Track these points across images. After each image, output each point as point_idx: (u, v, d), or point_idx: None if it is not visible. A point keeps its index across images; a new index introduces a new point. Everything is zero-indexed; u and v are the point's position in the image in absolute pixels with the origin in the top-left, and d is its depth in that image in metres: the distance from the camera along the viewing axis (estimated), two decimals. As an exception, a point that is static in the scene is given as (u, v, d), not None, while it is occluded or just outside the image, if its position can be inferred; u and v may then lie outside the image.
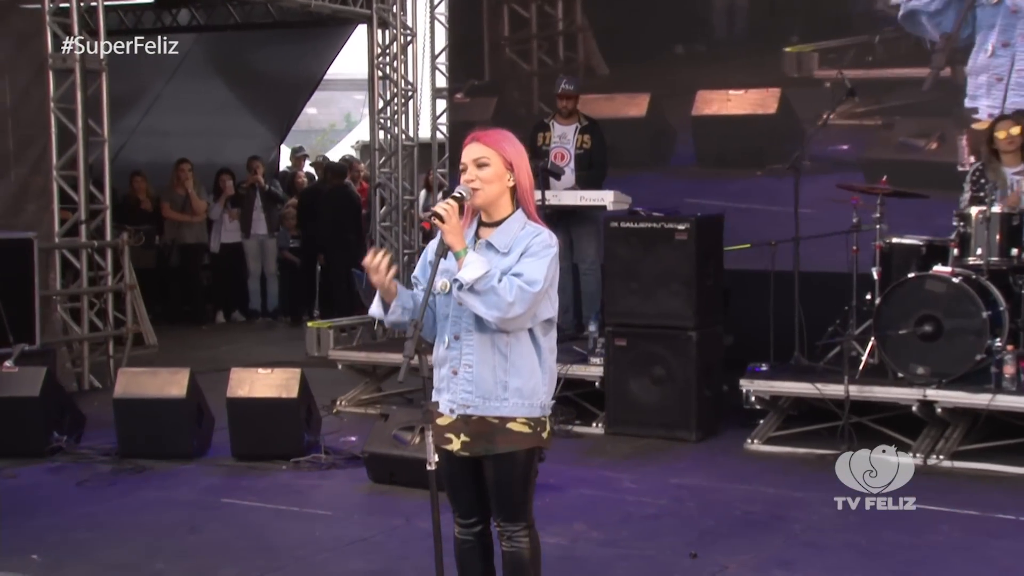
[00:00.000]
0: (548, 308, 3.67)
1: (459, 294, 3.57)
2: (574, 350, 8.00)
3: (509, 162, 3.65)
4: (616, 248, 7.61)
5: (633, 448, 7.25)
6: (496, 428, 3.64)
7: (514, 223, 3.65)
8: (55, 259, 9.25)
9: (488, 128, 3.83)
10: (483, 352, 3.61)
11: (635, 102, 10.52)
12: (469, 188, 3.67)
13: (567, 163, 8.88)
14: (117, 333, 9.57)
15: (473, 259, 3.56)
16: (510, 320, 3.51)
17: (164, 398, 6.86)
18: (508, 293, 3.49)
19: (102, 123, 9.47)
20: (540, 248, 3.58)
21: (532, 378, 3.64)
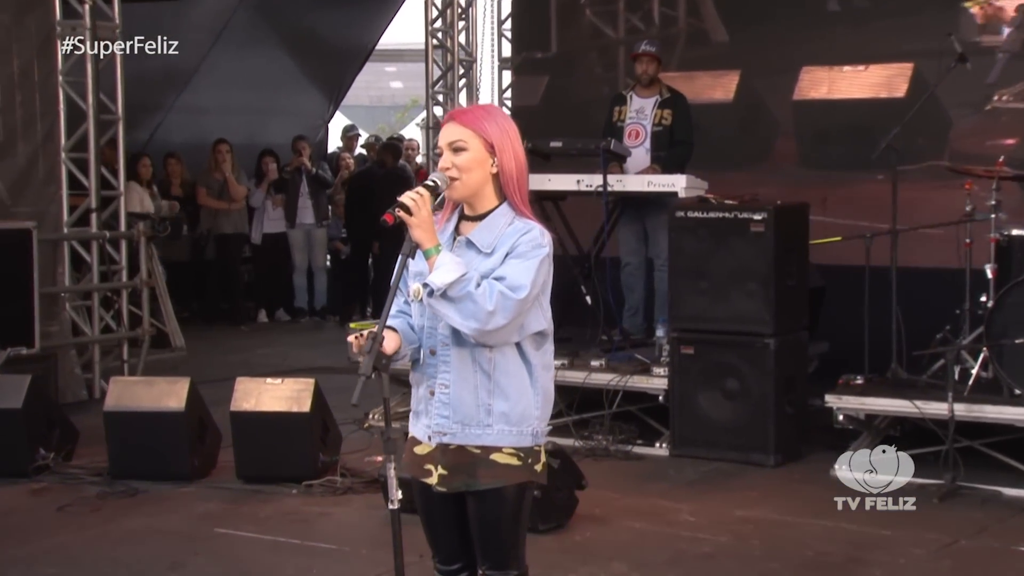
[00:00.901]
0: (539, 319, 3.47)
1: (430, 301, 3.38)
2: (636, 358, 7.85)
3: (490, 144, 3.45)
4: (682, 241, 7.43)
5: (699, 473, 7.09)
6: (478, 459, 3.47)
7: (499, 218, 3.47)
8: (64, 251, 9.27)
9: (474, 106, 3.63)
10: (462, 370, 3.45)
11: (720, 82, 10.14)
12: (444, 176, 3.48)
13: (641, 142, 8.67)
14: (132, 335, 9.55)
15: (446, 260, 3.37)
16: (491, 332, 3.34)
17: (160, 411, 6.79)
18: (487, 300, 3.31)
19: (116, 99, 9.46)
20: (529, 247, 3.39)
21: (521, 401, 3.46)
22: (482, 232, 3.47)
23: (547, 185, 8.31)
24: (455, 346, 3.45)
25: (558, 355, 7.70)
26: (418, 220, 3.37)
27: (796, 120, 9.86)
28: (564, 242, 8.46)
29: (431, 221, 3.41)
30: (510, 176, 3.50)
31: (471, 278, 3.34)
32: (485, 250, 3.44)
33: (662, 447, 7.49)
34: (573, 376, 7.68)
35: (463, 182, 3.48)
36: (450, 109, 11.40)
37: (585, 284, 8.21)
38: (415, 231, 3.38)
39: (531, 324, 3.45)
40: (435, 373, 3.50)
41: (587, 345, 8.16)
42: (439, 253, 3.37)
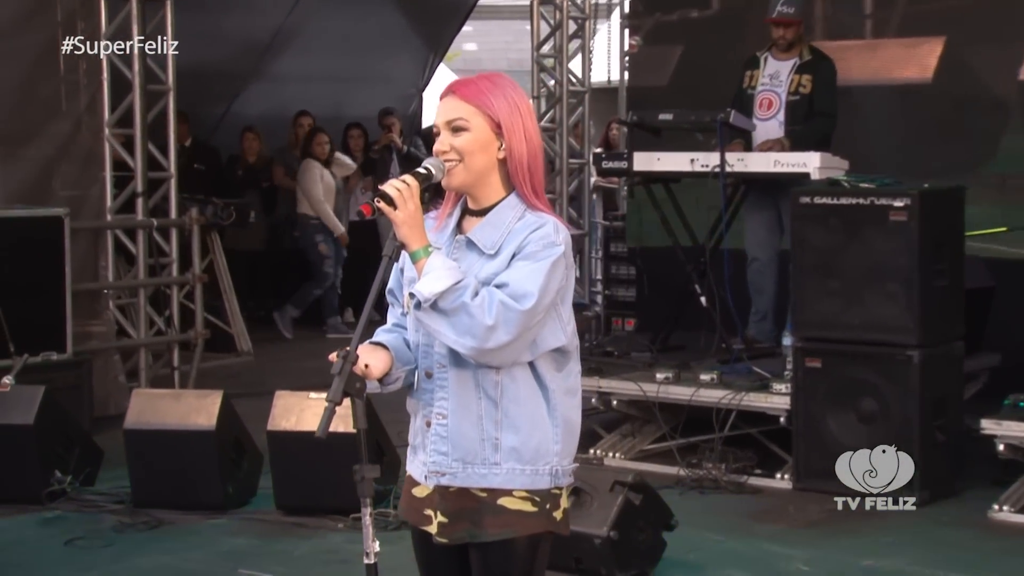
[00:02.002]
0: (556, 333, 3.32)
1: (418, 315, 3.25)
2: (755, 371, 7.67)
3: (497, 123, 3.31)
4: (808, 232, 7.24)
5: (825, 512, 6.82)
6: (484, 505, 3.36)
7: (506, 211, 3.33)
8: (107, 242, 9.33)
9: (479, 75, 3.44)
10: (462, 396, 3.33)
11: (917, 56, 9.69)
12: (441, 163, 3.34)
13: (773, 114, 8.48)
14: (183, 338, 9.58)
15: (437, 265, 3.22)
16: (492, 351, 3.20)
17: (187, 429, 6.74)
18: (486, 313, 3.17)
19: (166, 67, 9.48)
20: (539, 246, 3.24)
21: (535, 434, 3.34)
22: (485, 229, 3.33)
23: (655, 165, 8.21)
24: (454, 367, 3.32)
25: (665, 366, 7.78)
26: (404, 215, 3.23)
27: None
28: (676, 233, 8.33)
29: (420, 217, 3.26)
30: (519, 162, 3.33)
31: (466, 286, 3.19)
32: (488, 250, 3.31)
33: (784, 479, 7.28)
34: (679, 392, 7.57)
35: (463, 169, 3.32)
36: (559, 75, 11.24)
37: (700, 282, 8.10)
38: (400, 228, 3.24)
39: (546, 339, 3.31)
40: (431, 400, 3.38)
41: (702, 355, 8.05)
42: (429, 256, 3.23)
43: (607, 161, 8.72)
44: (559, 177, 11.19)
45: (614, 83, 11.82)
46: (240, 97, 14.15)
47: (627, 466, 7.44)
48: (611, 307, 10.78)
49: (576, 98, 11.41)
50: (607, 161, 8.72)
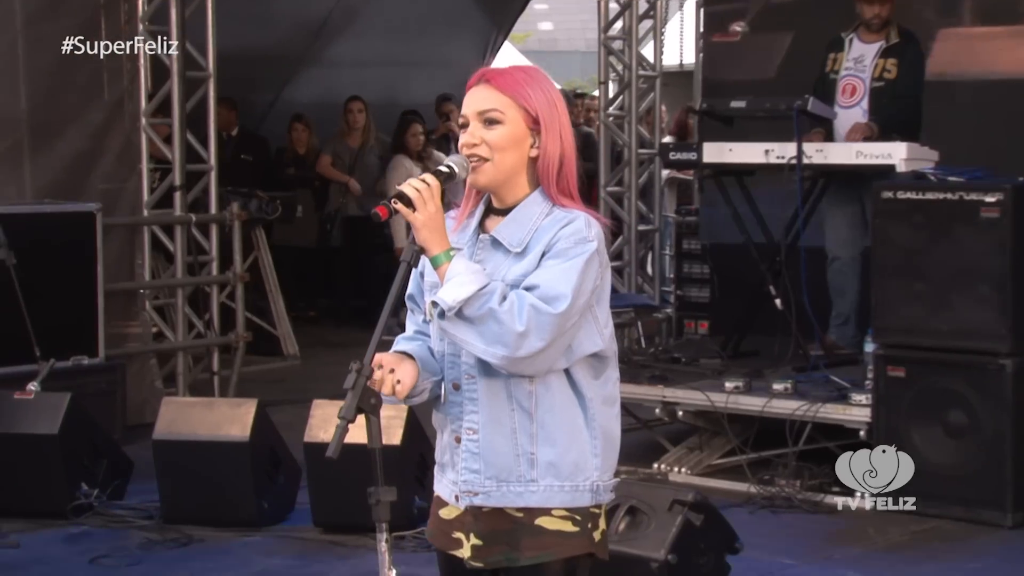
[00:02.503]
0: (593, 337, 3.29)
1: (442, 324, 3.22)
2: (833, 380, 7.62)
3: (534, 118, 3.30)
4: (891, 230, 7.18)
5: (909, 534, 6.82)
6: (520, 526, 3.34)
7: (532, 207, 3.32)
8: (143, 238, 9.37)
9: (513, 67, 3.42)
10: (494, 409, 3.32)
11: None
12: (466, 160, 3.31)
13: (857, 101, 8.44)
14: (223, 340, 9.60)
15: (460, 269, 3.19)
16: (525, 360, 3.18)
17: (219, 440, 6.74)
18: (516, 318, 3.15)
19: (206, 51, 9.50)
20: (570, 243, 3.23)
21: (573, 447, 3.33)
22: (510, 226, 3.31)
23: (727, 157, 8.18)
24: (483, 377, 3.30)
25: (735, 374, 7.71)
26: (423, 217, 3.20)
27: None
28: (750, 229, 8.30)
29: (441, 219, 3.23)
30: (551, 162, 3.31)
31: (493, 291, 3.17)
32: (515, 248, 3.29)
33: (864, 497, 7.13)
34: (749, 403, 7.51)
35: (493, 166, 3.30)
36: (628, 59, 11.15)
37: (775, 283, 8.03)
38: (420, 232, 3.21)
39: (582, 344, 3.29)
40: (460, 414, 3.36)
41: (777, 362, 8.00)
42: (450, 260, 3.20)
43: (675, 152, 8.66)
44: (627, 168, 11.11)
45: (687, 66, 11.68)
46: (291, 84, 14.21)
47: (693, 482, 7.39)
48: (683, 308, 10.72)
49: (647, 83, 11.32)
50: (675, 152, 8.66)
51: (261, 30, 12.76)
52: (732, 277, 9.58)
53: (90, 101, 9.26)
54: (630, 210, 11.04)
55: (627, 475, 7.59)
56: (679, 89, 14.26)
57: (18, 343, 7.56)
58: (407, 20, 13.91)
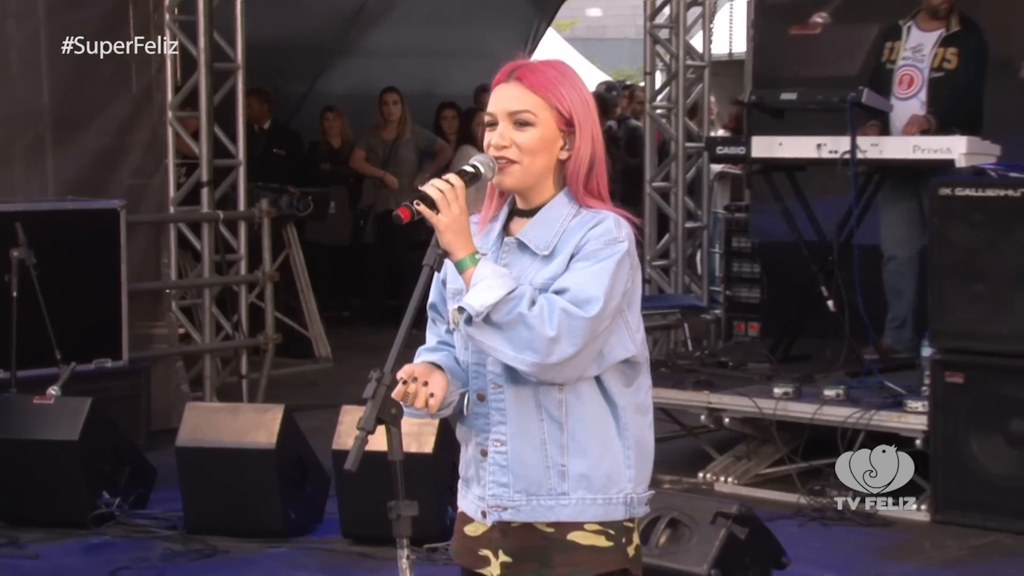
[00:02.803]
0: (624, 342, 3.32)
1: (469, 331, 3.22)
2: (887, 386, 7.58)
3: (567, 119, 3.31)
4: (948, 229, 7.16)
5: (967, 549, 6.80)
6: (552, 542, 3.34)
7: (559, 208, 3.33)
8: (169, 236, 9.40)
9: (543, 62, 3.40)
10: (522, 419, 3.31)
11: None
12: (492, 160, 3.30)
13: (914, 92, 8.39)
14: (252, 342, 9.62)
15: (486, 273, 3.19)
16: (556, 367, 3.18)
17: (245, 448, 6.75)
18: (546, 323, 3.15)
19: (235, 41, 9.51)
20: (599, 244, 3.23)
21: (606, 457, 3.33)
22: (536, 228, 3.32)
23: (777, 151, 8.15)
24: (511, 387, 3.30)
25: (785, 379, 7.68)
26: (448, 219, 3.20)
27: None
28: (801, 226, 8.31)
29: (465, 221, 3.23)
30: (581, 164, 3.32)
31: (522, 295, 3.17)
32: (542, 251, 3.30)
33: (920, 509, 7.19)
34: (799, 409, 7.47)
35: (522, 169, 3.30)
36: (675, 48, 11.11)
37: (827, 284, 8.00)
38: (443, 235, 3.21)
39: (614, 350, 3.30)
40: (486, 425, 3.36)
41: (829, 366, 7.97)
42: (476, 264, 3.21)
43: (722, 147, 8.63)
44: (674, 163, 11.08)
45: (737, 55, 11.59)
46: (325, 74, 14.22)
47: (740, 492, 7.40)
48: (733, 309, 10.66)
49: (695, 74, 11.28)
50: (722, 147, 8.63)
51: (294, 18, 12.77)
52: (783, 277, 9.53)
53: (116, 94, 9.29)
54: (677, 207, 11.01)
55: (671, 485, 7.59)
56: (729, 79, 14.19)
57: (38, 345, 7.57)
58: (446, 8, 13.89)
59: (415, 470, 6.46)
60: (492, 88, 3.35)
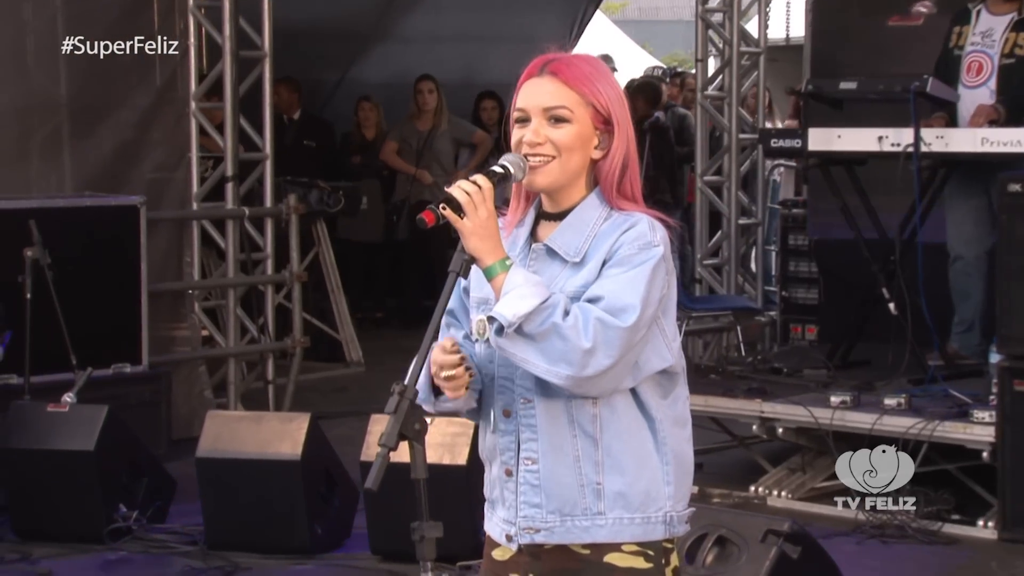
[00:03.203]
0: (661, 351, 3.33)
1: (499, 342, 3.22)
2: (952, 395, 7.56)
3: (604, 117, 3.33)
4: (1018, 227, 7.17)
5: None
6: (588, 564, 3.35)
7: (589, 211, 3.34)
8: (192, 234, 9.43)
9: (576, 56, 3.43)
10: (555, 435, 3.33)
11: None
12: (522, 159, 3.30)
13: (983, 80, 8.36)
14: (279, 346, 9.63)
15: (518, 280, 3.19)
16: (591, 379, 3.19)
17: (270, 459, 6.76)
18: (582, 334, 3.16)
19: (262, 28, 9.53)
20: (634, 249, 3.24)
21: (643, 474, 3.34)
22: (566, 233, 3.33)
23: (835, 144, 8.15)
24: (542, 401, 3.31)
25: (843, 387, 7.67)
26: (475, 223, 3.22)
27: None
28: (861, 224, 8.30)
29: (494, 224, 3.24)
30: (615, 163, 3.33)
31: (556, 304, 3.17)
32: (573, 258, 3.31)
33: (987, 527, 7.17)
34: (857, 419, 7.44)
35: (559, 166, 3.31)
36: (729, 33, 11.08)
37: (888, 286, 8.00)
38: (470, 239, 3.23)
39: (650, 360, 3.31)
40: (513, 443, 3.37)
41: (890, 373, 7.96)
42: (507, 271, 3.21)
43: (777, 139, 8.61)
44: (727, 155, 11.04)
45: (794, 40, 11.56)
46: (358, 62, 14.25)
47: (794, 507, 7.38)
48: (789, 311, 10.64)
49: (749, 60, 11.24)
50: (777, 139, 8.61)
51: (326, 3, 12.80)
52: (842, 277, 9.49)
53: (138, 83, 9.31)
54: (730, 201, 10.98)
55: (720, 499, 7.57)
56: (787, 65, 14.13)
57: (53, 350, 7.58)
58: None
59: (448, 483, 6.51)
60: (521, 83, 3.36)
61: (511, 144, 3.33)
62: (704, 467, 7.83)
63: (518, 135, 3.31)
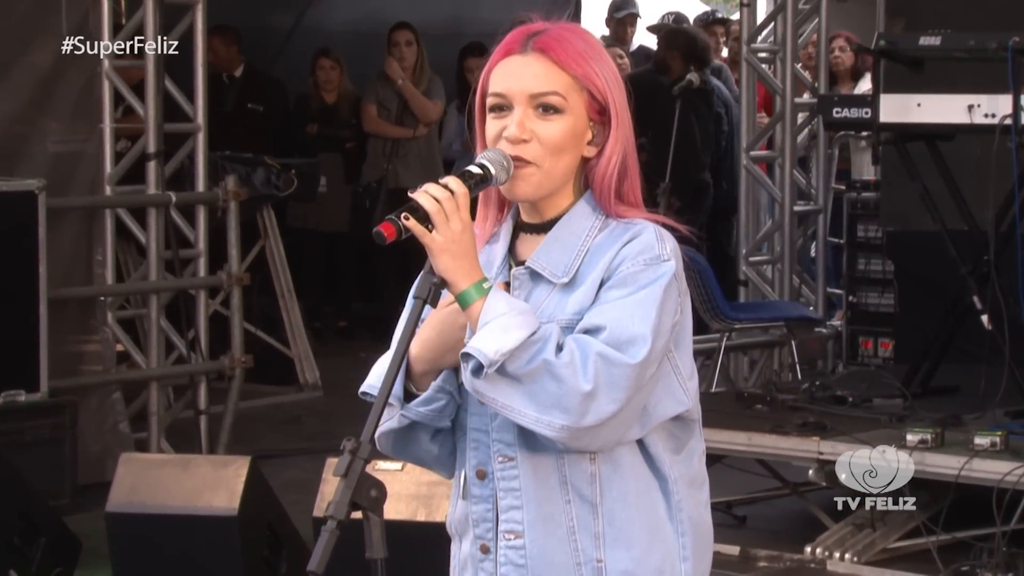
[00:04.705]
0: (674, 392, 3.38)
1: (477, 386, 3.26)
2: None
3: (601, 105, 3.39)
4: None
5: None
6: None
7: (579, 220, 3.41)
8: (105, 226, 9.42)
9: (561, 25, 3.45)
10: (543, 501, 3.39)
11: None
12: (506, 158, 3.33)
13: None
14: (214, 366, 9.62)
15: (500, 308, 3.24)
16: (591, 430, 3.24)
17: (199, 514, 6.77)
18: (580, 373, 3.21)
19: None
20: (640, 265, 3.31)
21: (655, 547, 3.41)
22: (552, 250, 3.39)
23: (913, 115, 8.22)
24: (527, 457, 3.37)
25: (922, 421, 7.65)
26: (446, 238, 3.28)
27: None
28: (946, 214, 8.40)
29: (469, 240, 3.31)
30: (612, 166, 3.41)
31: (547, 336, 3.22)
32: (561, 279, 3.37)
33: (1103, 598, 7.16)
34: (940, 463, 7.48)
35: (543, 173, 3.36)
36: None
37: (980, 292, 8.07)
38: (440, 257, 3.30)
39: (661, 403, 3.36)
40: (489, 512, 3.44)
41: (984, 403, 8.01)
42: (485, 296, 3.27)
43: (840, 108, 8.60)
44: (780, 124, 11.03)
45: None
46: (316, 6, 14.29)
47: (861, 573, 7.42)
48: (857, 321, 10.65)
49: (808, 4, 11.26)
50: (840, 108, 8.60)
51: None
52: (922, 280, 9.52)
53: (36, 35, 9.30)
54: (783, 183, 10.99)
55: (767, 562, 7.57)
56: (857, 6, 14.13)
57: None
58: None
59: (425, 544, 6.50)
60: (496, 60, 3.39)
61: (482, 138, 3.37)
62: (748, 521, 7.82)
63: (495, 127, 3.36)
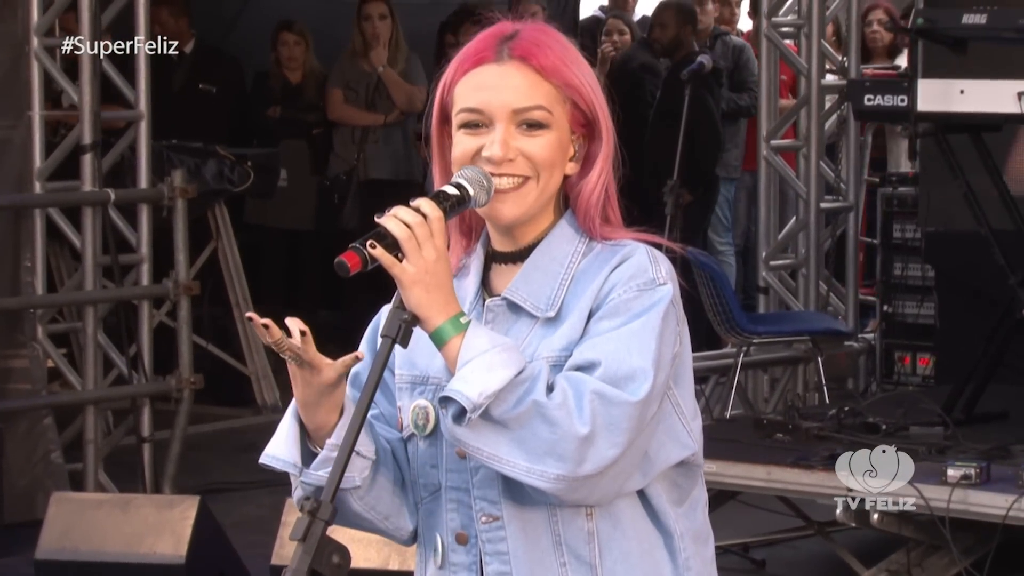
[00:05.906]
0: (677, 434, 3.45)
1: (459, 433, 3.29)
2: None
3: (586, 116, 3.48)
4: None
5: None
6: None
7: (560, 244, 3.49)
8: (34, 227, 9.45)
9: (535, 25, 3.52)
10: (535, 565, 3.44)
11: None
12: (486, 176, 3.37)
13: None
14: (158, 388, 9.64)
15: (481, 345, 3.29)
16: (589, 480, 3.29)
17: (141, 562, 6.85)
18: (576, 415, 3.26)
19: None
20: (633, 291, 3.38)
21: None
22: (531, 279, 3.45)
23: (955, 103, 8.22)
24: (514, 514, 3.42)
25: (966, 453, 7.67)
26: (418, 268, 3.32)
27: None
28: (992, 214, 8.42)
29: (445, 270, 3.34)
30: (598, 184, 3.47)
31: (536, 375, 3.27)
32: (545, 312, 3.43)
33: None
34: (986, 502, 7.51)
35: (534, 193, 3.42)
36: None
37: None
38: (412, 290, 3.33)
39: (664, 448, 3.42)
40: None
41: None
42: (464, 332, 3.30)
43: (872, 95, 8.64)
44: (805, 109, 11.06)
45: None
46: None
47: (897, 626, 7.42)
48: (893, 334, 10.67)
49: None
50: (872, 95, 8.64)
51: None
52: (967, 287, 9.56)
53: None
54: (808, 176, 10.99)
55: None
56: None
57: None
58: None
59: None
60: (465, 67, 3.43)
61: (442, 158, 3.45)
62: (767, 566, 7.87)
63: (468, 145, 3.40)
